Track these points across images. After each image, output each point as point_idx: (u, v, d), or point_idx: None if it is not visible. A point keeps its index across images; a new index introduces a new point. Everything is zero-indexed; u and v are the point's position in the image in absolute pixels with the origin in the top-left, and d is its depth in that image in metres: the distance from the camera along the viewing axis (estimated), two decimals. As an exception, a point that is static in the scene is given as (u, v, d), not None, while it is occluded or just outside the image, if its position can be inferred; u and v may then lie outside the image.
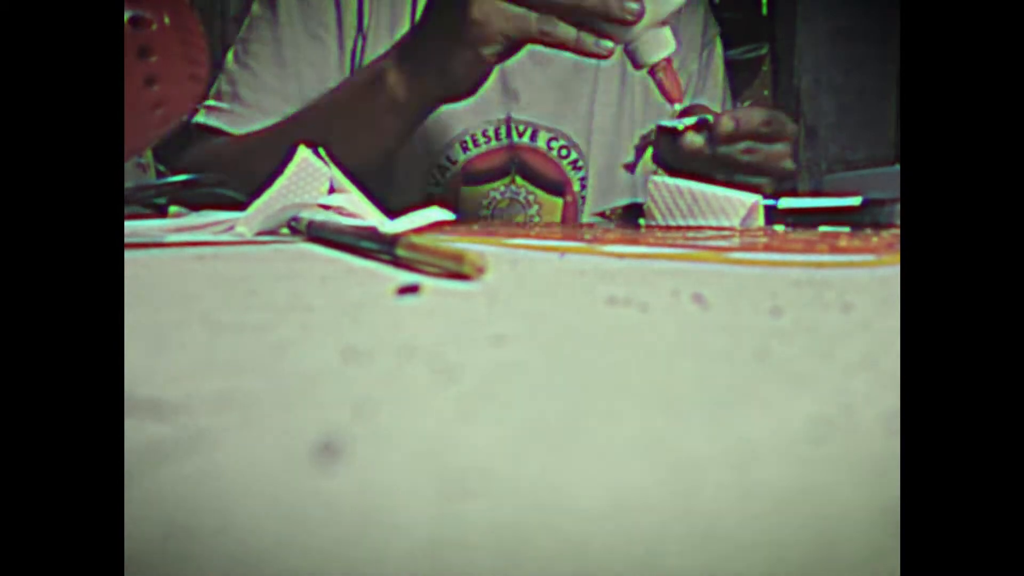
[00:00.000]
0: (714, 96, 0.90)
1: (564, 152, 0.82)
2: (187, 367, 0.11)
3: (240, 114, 0.75)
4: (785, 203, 0.43)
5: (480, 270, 0.21)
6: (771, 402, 0.09)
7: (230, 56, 0.78)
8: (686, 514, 0.06)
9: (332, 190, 0.40)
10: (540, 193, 0.82)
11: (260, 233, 0.38)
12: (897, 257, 0.29)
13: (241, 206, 0.39)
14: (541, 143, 0.81)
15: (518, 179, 0.82)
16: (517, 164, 0.81)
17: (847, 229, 0.38)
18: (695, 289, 0.18)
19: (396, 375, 0.11)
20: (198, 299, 0.18)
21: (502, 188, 0.81)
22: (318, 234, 0.34)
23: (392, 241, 0.24)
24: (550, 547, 0.06)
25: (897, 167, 0.69)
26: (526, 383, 0.10)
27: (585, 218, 0.84)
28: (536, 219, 0.82)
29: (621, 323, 0.15)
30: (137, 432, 0.08)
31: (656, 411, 0.09)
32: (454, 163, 0.80)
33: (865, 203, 0.39)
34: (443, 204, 0.34)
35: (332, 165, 0.40)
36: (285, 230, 0.39)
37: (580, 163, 0.83)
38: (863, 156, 1.60)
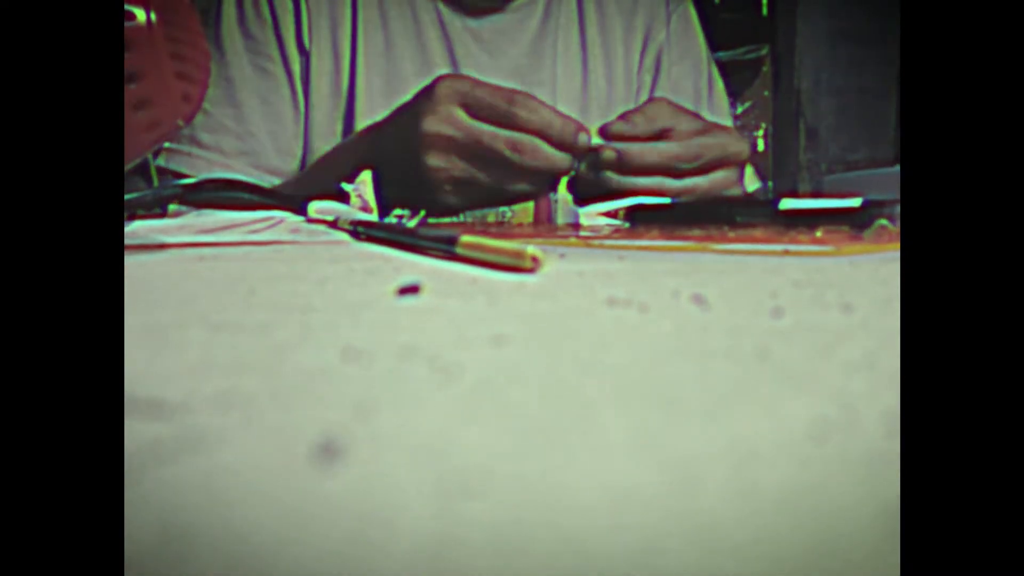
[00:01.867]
0: (698, 63, 0.86)
1: None
2: (187, 367, 0.11)
3: (200, 156, 0.75)
4: (785, 204, 0.43)
5: (538, 263, 0.22)
6: (771, 402, 0.09)
7: None
8: (686, 514, 0.06)
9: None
10: None
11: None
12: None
13: (251, 207, 0.40)
14: None
15: None
16: None
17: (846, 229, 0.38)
18: (695, 289, 0.18)
19: (396, 375, 0.11)
20: (198, 299, 0.18)
21: None
22: (373, 234, 0.36)
23: (451, 240, 0.26)
24: (550, 547, 0.06)
25: (897, 168, 0.69)
26: (526, 383, 0.10)
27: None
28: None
29: (621, 323, 0.15)
30: (137, 432, 0.08)
31: (656, 411, 0.09)
32: None
33: (865, 204, 0.39)
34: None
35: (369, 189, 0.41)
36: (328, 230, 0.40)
37: None
38: (863, 157, 1.60)
